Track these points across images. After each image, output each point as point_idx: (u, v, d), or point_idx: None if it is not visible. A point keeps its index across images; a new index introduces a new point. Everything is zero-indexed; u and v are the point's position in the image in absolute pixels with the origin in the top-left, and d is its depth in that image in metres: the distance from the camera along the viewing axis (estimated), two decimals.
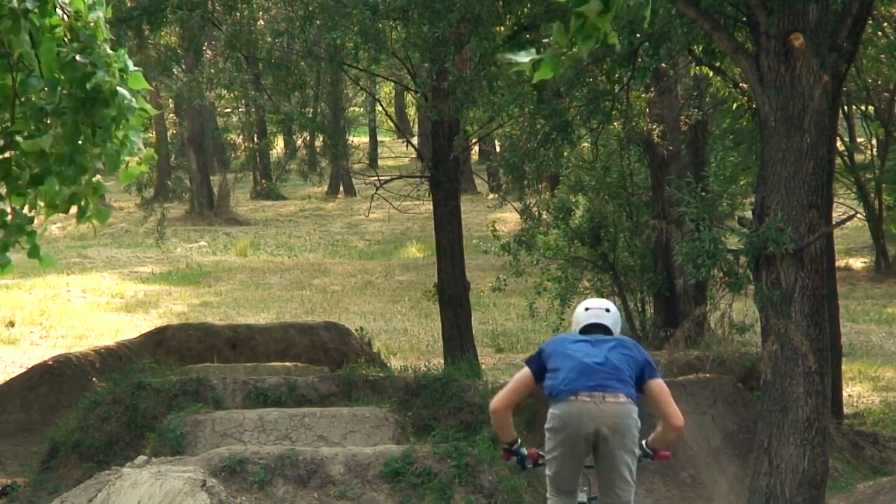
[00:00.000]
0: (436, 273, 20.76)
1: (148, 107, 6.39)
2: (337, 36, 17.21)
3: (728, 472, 16.63)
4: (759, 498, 12.93)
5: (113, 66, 6.23)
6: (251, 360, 19.36)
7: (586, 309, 8.35)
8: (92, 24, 6.23)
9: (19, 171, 6.31)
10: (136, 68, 6.33)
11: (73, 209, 6.51)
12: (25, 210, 6.41)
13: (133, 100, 6.30)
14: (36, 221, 6.46)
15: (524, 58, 5.02)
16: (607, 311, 8.30)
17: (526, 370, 8.16)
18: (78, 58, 6.17)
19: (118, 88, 6.22)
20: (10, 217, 6.38)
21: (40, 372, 19.26)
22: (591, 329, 8.23)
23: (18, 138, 6.28)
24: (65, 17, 6.23)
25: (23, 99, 6.23)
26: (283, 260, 36.99)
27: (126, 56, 6.33)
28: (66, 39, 6.21)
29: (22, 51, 6.05)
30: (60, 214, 6.47)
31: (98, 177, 6.43)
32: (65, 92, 6.18)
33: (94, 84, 6.14)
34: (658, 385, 8.08)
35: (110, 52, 6.23)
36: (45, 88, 6.18)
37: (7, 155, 6.32)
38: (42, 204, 6.41)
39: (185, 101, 28.28)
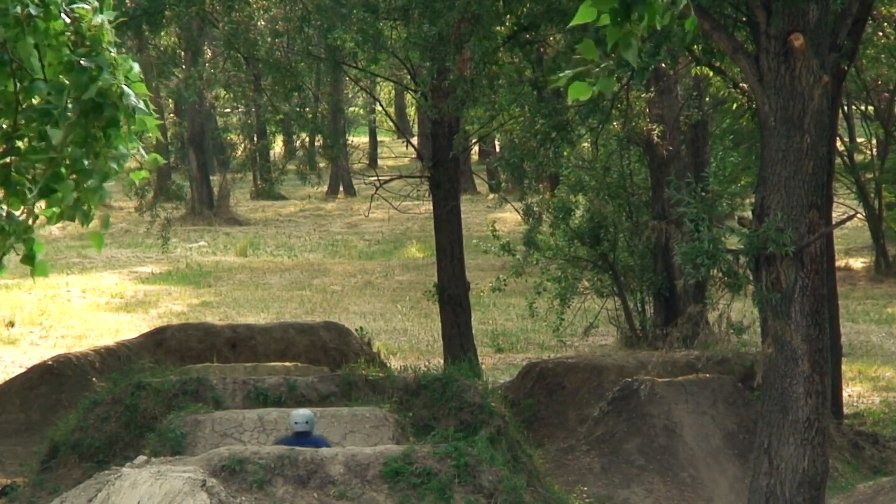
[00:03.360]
0: (436, 273, 20.75)
1: (152, 116, 6.38)
2: (336, 36, 17.20)
3: (728, 472, 16.63)
4: (759, 498, 12.92)
5: (119, 70, 6.21)
6: (251, 360, 19.36)
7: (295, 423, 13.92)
8: (96, 27, 6.21)
9: (19, 176, 6.28)
10: (138, 70, 6.31)
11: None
12: (24, 216, 6.36)
13: (140, 102, 6.28)
14: (39, 226, 6.43)
15: (563, 81, 5.09)
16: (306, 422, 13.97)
17: None
18: (83, 61, 6.14)
19: (125, 88, 6.20)
20: (5, 222, 6.33)
21: (40, 372, 19.27)
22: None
23: (19, 144, 6.25)
24: (70, 21, 6.20)
25: (24, 105, 6.20)
26: (283, 260, 36.95)
27: (132, 61, 6.30)
28: (70, 44, 6.18)
29: (26, 57, 6.03)
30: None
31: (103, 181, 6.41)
32: (71, 96, 6.15)
33: (99, 87, 6.12)
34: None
35: (115, 55, 6.21)
36: (51, 93, 6.15)
37: (7, 160, 6.28)
38: (43, 207, 6.37)
39: (182, 100, 28.20)
